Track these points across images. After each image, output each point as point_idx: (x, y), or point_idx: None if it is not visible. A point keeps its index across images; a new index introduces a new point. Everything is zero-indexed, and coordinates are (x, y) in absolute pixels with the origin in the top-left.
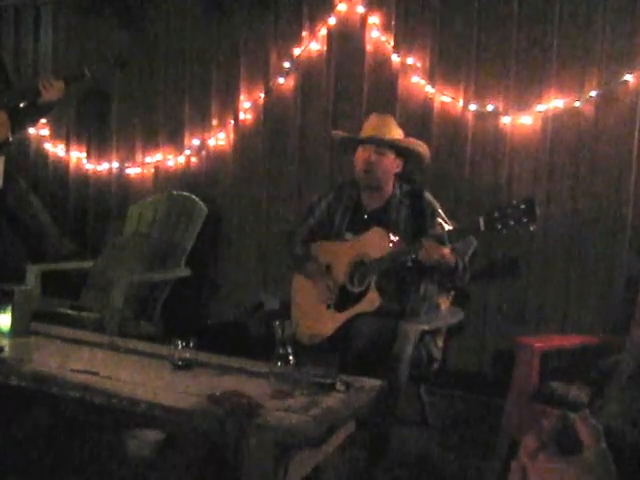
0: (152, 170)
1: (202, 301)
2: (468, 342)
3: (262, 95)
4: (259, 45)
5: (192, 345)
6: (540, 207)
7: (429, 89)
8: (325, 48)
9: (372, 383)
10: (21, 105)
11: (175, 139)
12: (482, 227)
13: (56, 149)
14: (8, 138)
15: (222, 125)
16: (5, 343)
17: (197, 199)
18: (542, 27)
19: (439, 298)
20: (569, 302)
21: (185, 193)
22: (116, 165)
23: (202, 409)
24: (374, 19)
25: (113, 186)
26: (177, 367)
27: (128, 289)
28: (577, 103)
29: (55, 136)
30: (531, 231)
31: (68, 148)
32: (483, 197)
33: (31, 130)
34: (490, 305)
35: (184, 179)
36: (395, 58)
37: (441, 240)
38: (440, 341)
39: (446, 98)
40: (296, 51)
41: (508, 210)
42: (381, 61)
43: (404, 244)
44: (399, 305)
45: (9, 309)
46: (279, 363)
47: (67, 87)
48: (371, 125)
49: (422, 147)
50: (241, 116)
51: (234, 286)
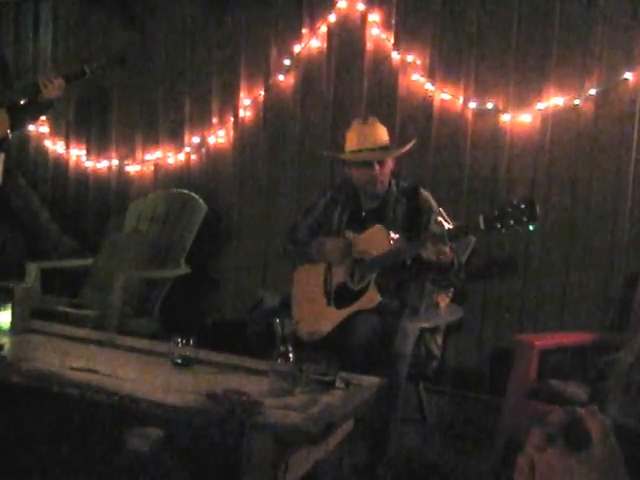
0: (152, 167)
1: (202, 299)
2: (467, 340)
3: (262, 92)
4: (259, 42)
5: (192, 343)
6: (539, 205)
7: (429, 87)
8: (325, 45)
9: (371, 381)
10: (21, 102)
11: (175, 136)
12: (482, 226)
13: (56, 146)
14: (8, 135)
15: (222, 122)
16: (5, 341)
17: (197, 197)
18: (542, 25)
19: (438, 296)
20: (568, 300)
21: (185, 191)
22: (116, 162)
23: (202, 407)
24: (374, 16)
25: (113, 183)
26: (177, 365)
27: (127, 287)
28: (577, 101)
29: (55, 133)
30: (531, 231)
31: (68, 145)
32: (483, 195)
33: (31, 127)
34: (489, 303)
35: (184, 176)
36: (395, 55)
37: (441, 238)
38: (439, 339)
39: (446, 96)
40: (296, 48)
41: (508, 209)
42: (381, 58)
43: (404, 242)
44: (399, 302)
45: (9, 307)
46: (279, 361)
47: (67, 85)
48: (364, 137)
49: (411, 145)
50: (241, 113)
51: (234, 284)
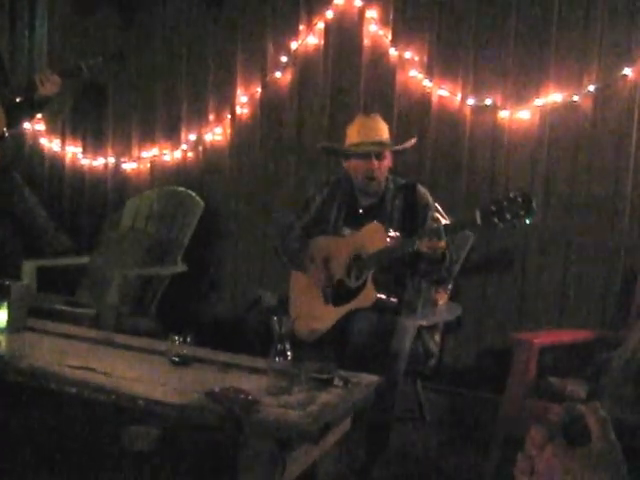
0: (148, 165)
1: (199, 297)
2: (465, 338)
3: (259, 89)
4: (256, 39)
5: (189, 341)
6: (538, 201)
7: (427, 83)
8: (322, 42)
9: (370, 379)
10: (17, 100)
11: (172, 134)
12: (479, 221)
13: (52, 144)
14: (4, 133)
15: (219, 120)
16: (1, 339)
17: (194, 194)
18: (541, 21)
19: (436, 294)
20: (566, 297)
21: (182, 188)
22: (112, 160)
23: (200, 405)
24: (372, 13)
25: (109, 181)
26: (174, 363)
27: (124, 285)
28: (576, 97)
29: (51, 131)
30: (528, 225)
31: (64, 143)
32: (481, 191)
33: (26, 125)
34: (487, 301)
35: (181, 174)
36: (393, 52)
37: (438, 234)
38: (437, 337)
39: (444, 92)
40: (293, 45)
41: (505, 203)
42: (379, 55)
43: (401, 238)
44: (396, 300)
45: (5, 305)
46: (277, 359)
47: (63, 82)
48: (364, 131)
49: (411, 143)
50: (238, 110)
51: (231, 281)
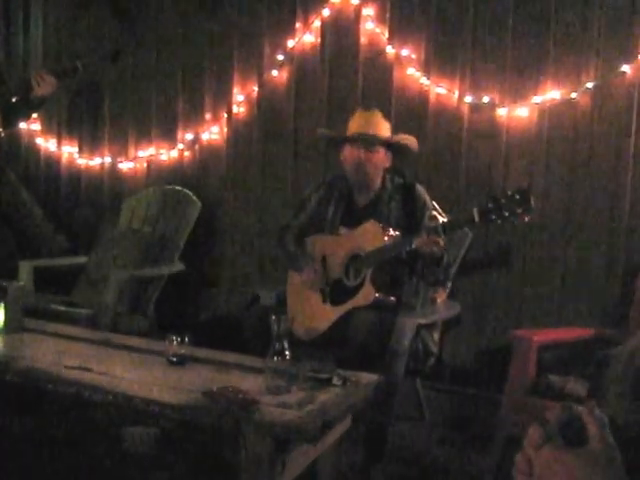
0: (145, 164)
1: (196, 296)
2: (465, 336)
3: (256, 88)
4: (252, 37)
5: (187, 341)
6: (537, 199)
7: (424, 81)
8: (319, 40)
9: (369, 378)
10: (13, 100)
11: (168, 133)
12: (476, 218)
13: (48, 144)
14: (0, 133)
15: (215, 119)
16: None
17: (190, 193)
18: (538, 18)
19: (435, 292)
20: (566, 295)
21: (178, 187)
22: (108, 160)
23: (198, 405)
24: (368, 10)
25: (105, 181)
26: (172, 363)
27: (121, 285)
28: (574, 94)
29: (46, 131)
30: (526, 222)
31: (60, 143)
32: (479, 189)
33: (22, 125)
34: (486, 298)
35: (177, 173)
36: (390, 50)
37: (436, 232)
38: (436, 335)
39: (441, 90)
40: (290, 43)
41: (502, 201)
42: (376, 53)
43: (399, 236)
44: (395, 299)
45: (2, 306)
46: (275, 358)
47: (59, 81)
48: (358, 122)
49: (410, 140)
50: (235, 109)
51: (229, 281)
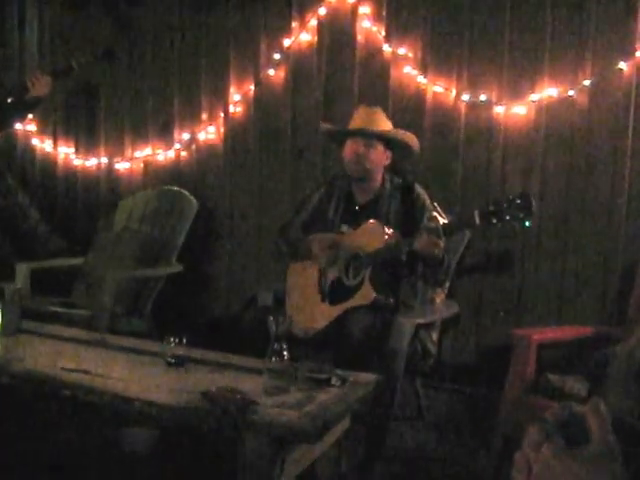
0: (141, 165)
1: (194, 297)
2: (464, 335)
3: (252, 87)
4: (248, 36)
5: (185, 342)
6: (534, 198)
7: (421, 79)
8: (315, 39)
9: (368, 378)
10: (8, 101)
11: (165, 133)
12: (477, 221)
13: (44, 145)
14: None
15: (212, 118)
16: None
17: (187, 194)
18: (535, 15)
19: (434, 293)
20: (565, 293)
21: (175, 188)
22: (105, 160)
23: (196, 406)
24: (365, 9)
25: (102, 182)
26: (170, 364)
27: (118, 286)
28: (571, 92)
29: (42, 131)
30: (527, 226)
31: (56, 143)
32: (477, 188)
33: (18, 126)
34: (485, 298)
35: (174, 173)
36: (386, 48)
37: (436, 233)
38: (435, 335)
39: (438, 88)
40: (286, 42)
41: (504, 205)
42: (372, 51)
43: (399, 237)
44: (393, 299)
45: None
46: (273, 359)
47: (55, 82)
48: (360, 117)
49: (410, 138)
50: (231, 109)
51: (227, 281)
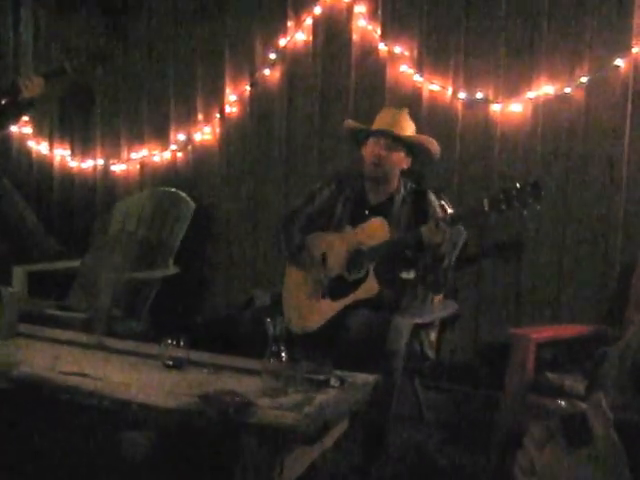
0: (138, 166)
1: (191, 298)
2: (463, 334)
3: (248, 87)
4: (243, 36)
5: (182, 344)
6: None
7: (417, 78)
8: (311, 38)
9: (366, 378)
10: (2, 103)
11: (160, 134)
12: (487, 208)
13: (39, 147)
14: None
15: (208, 119)
16: None
17: (184, 195)
18: (531, 13)
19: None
20: (563, 292)
21: (172, 189)
22: (101, 162)
23: (194, 408)
24: (360, 8)
25: (98, 183)
26: (168, 366)
27: (115, 288)
28: (568, 89)
29: (38, 133)
30: (524, 216)
31: (52, 145)
32: (474, 186)
33: (13, 128)
34: (484, 297)
35: (171, 175)
36: (382, 47)
37: (445, 220)
38: (433, 334)
39: (435, 87)
40: (282, 42)
41: (513, 192)
42: (368, 50)
43: (404, 232)
44: (395, 294)
45: None
46: (271, 360)
47: (47, 83)
48: (385, 119)
49: (434, 145)
50: (227, 109)
51: (224, 282)
